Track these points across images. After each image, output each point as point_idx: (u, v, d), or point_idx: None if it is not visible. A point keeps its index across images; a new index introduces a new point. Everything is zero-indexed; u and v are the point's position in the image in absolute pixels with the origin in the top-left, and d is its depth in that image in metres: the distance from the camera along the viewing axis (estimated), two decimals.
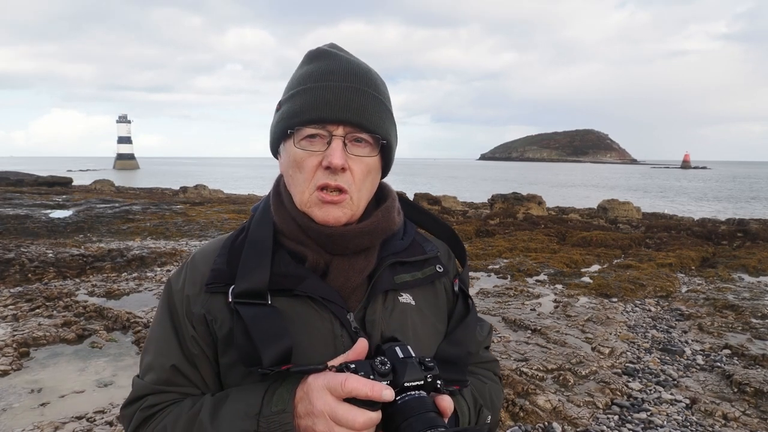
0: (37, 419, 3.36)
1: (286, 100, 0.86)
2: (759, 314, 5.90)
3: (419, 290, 0.93)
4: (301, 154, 0.83)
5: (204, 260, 0.90)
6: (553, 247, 10.28)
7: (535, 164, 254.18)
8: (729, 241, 11.40)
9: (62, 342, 4.68)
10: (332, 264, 0.86)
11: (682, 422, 3.55)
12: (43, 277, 6.90)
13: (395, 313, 0.88)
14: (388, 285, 0.89)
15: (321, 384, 0.71)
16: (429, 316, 0.93)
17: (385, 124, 0.86)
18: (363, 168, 0.84)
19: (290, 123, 0.83)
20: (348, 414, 0.69)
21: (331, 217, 0.83)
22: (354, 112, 0.81)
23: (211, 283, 0.85)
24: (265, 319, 0.78)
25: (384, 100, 0.87)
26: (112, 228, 11.68)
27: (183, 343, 0.85)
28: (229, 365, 0.83)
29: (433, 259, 0.96)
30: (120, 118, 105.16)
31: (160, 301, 0.92)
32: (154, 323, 0.91)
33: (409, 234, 0.97)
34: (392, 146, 0.90)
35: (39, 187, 23.00)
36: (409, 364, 0.74)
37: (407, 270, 0.92)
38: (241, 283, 0.81)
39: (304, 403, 0.72)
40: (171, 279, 0.92)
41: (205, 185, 25.11)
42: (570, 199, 29.49)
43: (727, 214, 20.81)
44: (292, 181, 0.86)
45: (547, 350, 4.67)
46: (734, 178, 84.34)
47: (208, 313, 0.84)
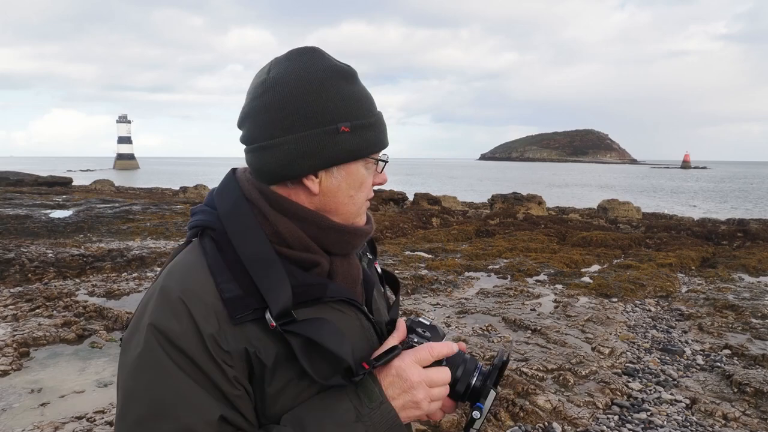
0: (37, 419, 3.36)
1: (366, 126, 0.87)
2: (759, 314, 5.90)
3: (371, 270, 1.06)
4: (365, 175, 0.90)
5: (203, 291, 0.79)
6: (553, 247, 10.28)
7: (535, 164, 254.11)
8: (729, 241, 11.40)
9: (62, 342, 4.68)
10: (335, 266, 0.89)
11: (682, 422, 3.55)
12: (43, 277, 6.90)
13: (378, 297, 1.00)
14: (374, 276, 1.01)
15: (410, 361, 0.82)
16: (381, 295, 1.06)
17: None
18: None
19: (372, 150, 0.89)
20: (439, 374, 0.83)
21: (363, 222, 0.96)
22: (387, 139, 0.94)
23: (238, 314, 0.78)
24: (325, 330, 0.80)
25: None
26: (112, 228, 11.68)
27: (221, 388, 0.76)
28: (278, 392, 0.80)
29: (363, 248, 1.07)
30: (120, 118, 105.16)
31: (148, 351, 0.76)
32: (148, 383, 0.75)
33: None
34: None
35: (39, 187, 23.00)
36: (436, 327, 0.90)
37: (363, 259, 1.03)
38: (275, 305, 0.78)
39: (396, 385, 0.81)
40: (157, 324, 0.76)
41: (205, 185, 25.11)
42: (570, 199, 29.49)
43: (727, 214, 20.81)
44: (350, 200, 0.89)
45: (547, 350, 4.67)
46: (734, 178, 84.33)
47: (249, 345, 0.78)
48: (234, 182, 0.91)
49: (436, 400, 0.83)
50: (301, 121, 0.82)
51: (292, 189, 0.87)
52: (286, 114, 0.82)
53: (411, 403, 0.81)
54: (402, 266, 8.15)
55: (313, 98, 0.82)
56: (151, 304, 0.79)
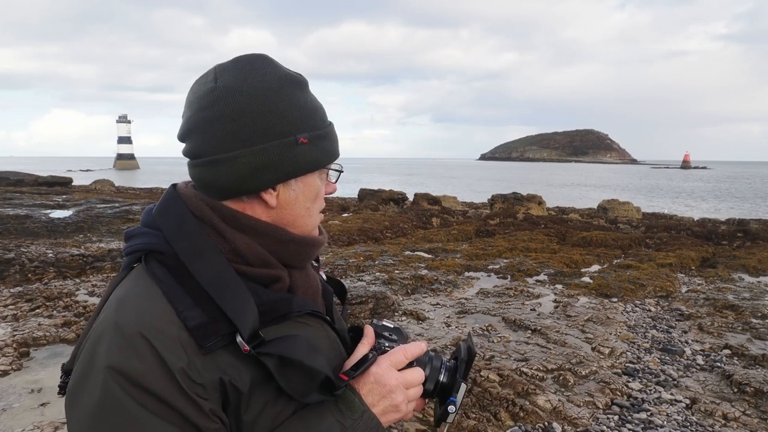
0: (37, 419, 3.36)
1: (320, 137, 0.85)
2: (759, 314, 5.90)
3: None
4: (319, 186, 0.89)
5: (164, 323, 0.72)
6: (553, 247, 10.28)
7: (535, 164, 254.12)
8: (729, 241, 11.41)
9: (62, 342, 4.69)
10: (294, 279, 0.86)
11: (682, 422, 3.55)
12: (43, 277, 6.90)
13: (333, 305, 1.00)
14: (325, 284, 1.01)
15: (386, 365, 0.83)
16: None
17: None
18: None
19: (327, 162, 0.89)
20: (413, 375, 0.85)
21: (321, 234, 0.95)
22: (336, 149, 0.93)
23: (209, 341, 0.72)
24: (298, 347, 0.76)
25: None
26: (112, 228, 11.68)
27: (199, 423, 0.71)
28: (255, 417, 0.76)
29: None
30: (120, 118, 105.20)
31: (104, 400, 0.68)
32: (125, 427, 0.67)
33: None
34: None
35: (39, 187, 23.00)
36: (399, 329, 0.92)
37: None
38: (245, 327, 0.73)
39: (375, 391, 0.81)
40: (115, 366, 0.68)
41: None
42: (570, 199, 29.49)
43: (727, 214, 20.81)
44: (306, 212, 0.87)
45: (547, 350, 4.67)
46: (734, 178, 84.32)
47: (223, 374, 0.73)
48: (178, 199, 0.83)
49: (412, 400, 0.85)
50: (260, 132, 0.78)
51: (247, 203, 0.82)
52: (242, 125, 0.77)
53: (391, 407, 0.82)
54: (402, 266, 8.15)
55: (270, 108, 0.78)
56: (103, 343, 0.70)
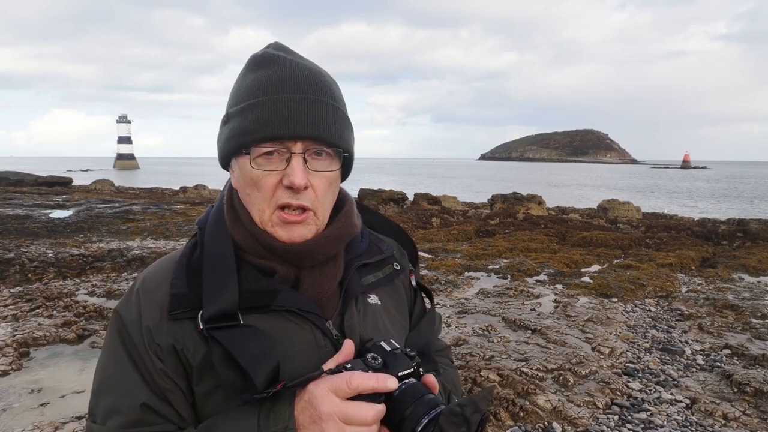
0: (37, 419, 3.36)
1: (235, 114, 0.78)
2: (759, 314, 5.90)
3: (382, 289, 0.94)
4: (258, 173, 0.77)
5: (158, 285, 0.81)
6: (553, 247, 10.28)
7: (535, 164, 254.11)
8: (729, 241, 11.40)
9: (62, 342, 4.68)
10: (303, 275, 0.83)
11: (682, 422, 3.55)
12: (43, 277, 6.90)
13: (368, 315, 0.89)
14: (359, 288, 0.89)
15: (324, 388, 0.69)
16: (395, 314, 0.95)
17: (345, 134, 0.81)
18: (325, 182, 0.80)
19: (244, 141, 0.76)
20: (358, 410, 0.68)
21: (296, 236, 0.79)
22: (313, 126, 0.75)
23: (174, 309, 0.78)
24: (247, 340, 0.74)
25: (341, 107, 0.81)
26: (112, 228, 11.68)
27: (149, 378, 0.78)
28: (205, 393, 0.78)
29: (390, 257, 0.97)
30: (120, 118, 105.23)
31: (109, 334, 0.83)
32: (106, 360, 0.82)
33: (366, 235, 0.96)
34: (352, 156, 0.85)
35: (39, 187, 23.00)
36: (398, 355, 0.76)
37: (370, 271, 0.93)
38: (210, 306, 0.75)
39: (307, 412, 0.69)
40: (120, 310, 0.82)
41: (205, 185, 25.11)
42: (570, 199, 29.49)
43: (727, 214, 20.82)
44: (249, 199, 0.80)
45: (547, 350, 4.67)
46: (734, 177, 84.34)
47: (176, 342, 0.77)
48: (231, 188, 0.87)
49: None
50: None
51: None
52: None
53: None
54: None
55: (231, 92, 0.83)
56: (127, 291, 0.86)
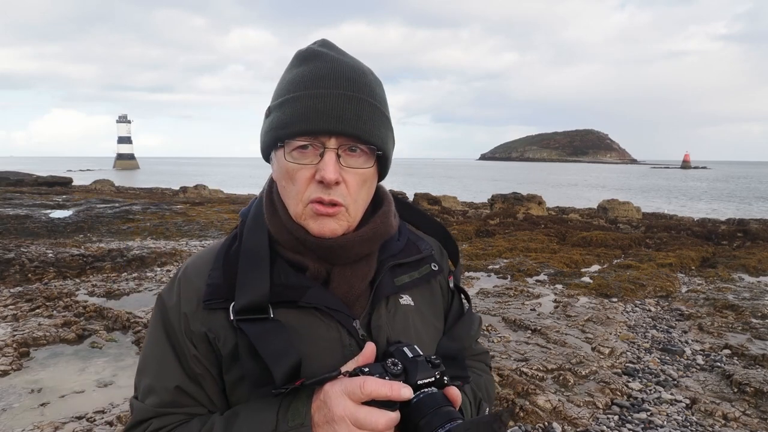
0: (37, 419, 3.36)
1: (275, 107, 0.81)
2: (759, 314, 5.90)
3: (417, 290, 0.92)
4: (292, 166, 0.79)
5: (198, 274, 0.85)
6: (553, 247, 10.28)
7: (535, 164, 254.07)
8: (729, 241, 11.39)
9: (62, 342, 4.68)
10: (334, 272, 0.84)
11: (682, 422, 3.55)
12: (43, 277, 6.90)
13: (398, 316, 0.87)
14: (390, 289, 0.88)
15: (338, 390, 0.70)
16: (428, 316, 0.93)
17: (381, 132, 0.81)
18: (358, 179, 0.80)
19: (280, 134, 0.78)
20: (369, 416, 0.68)
21: (327, 230, 0.80)
22: (348, 122, 0.76)
23: (209, 300, 0.81)
24: (271, 335, 0.76)
25: (380, 105, 0.82)
26: (112, 228, 11.68)
27: (184, 362, 0.82)
28: (234, 382, 0.81)
29: (428, 257, 0.95)
30: (120, 118, 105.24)
31: (153, 317, 0.88)
32: (149, 341, 0.87)
33: (404, 234, 0.96)
34: (389, 154, 0.85)
35: (39, 187, 23.00)
36: (419, 362, 0.74)
37: (405, 271, 0.91)
38: (241, 298, 0.79)
39: (322, 412, 0.70)
40: (163, 295, 0.87)
41: (205, 185, 25.12)
42: (570, 199, 29.48)
43: (727, 214, 20.81)
44: (285, 192, 0.82)
45: (547, 350, 4.67)
46: (734, 177, 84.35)
47: (209, 330, 0.81)
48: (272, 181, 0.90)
49: None
50: None
51: None
52: None
53: None
54: None
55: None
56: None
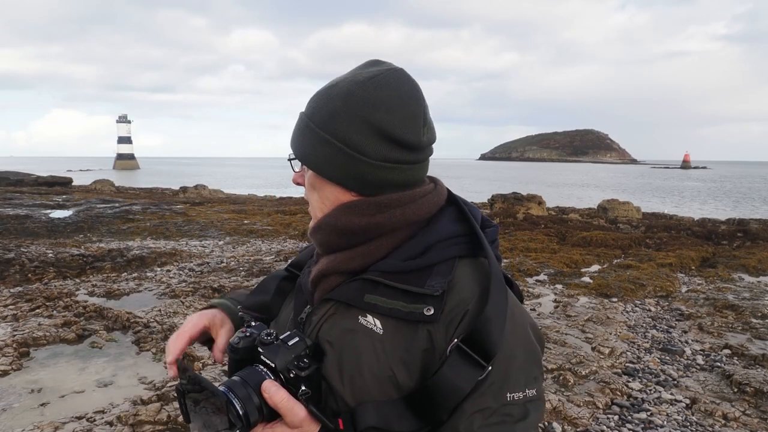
0: (37, 419, 3.36)
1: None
2: (759, 314, 5.90)
3: (395, 323, 0.80)
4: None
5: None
6: (553, 247, 10.28)
7: (535, 164, 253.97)
8: (729, 241, 11.40)
9: (62, 342, 4.68)
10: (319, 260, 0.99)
11: (682, 422, 3.55)
12: (43, 277, 6.90)
13: (344, 329, 0.83)
14: (352, 299, 0.83)
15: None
16: (392, 355, 0.79)
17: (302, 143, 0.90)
18: (307, 185, 0.95)
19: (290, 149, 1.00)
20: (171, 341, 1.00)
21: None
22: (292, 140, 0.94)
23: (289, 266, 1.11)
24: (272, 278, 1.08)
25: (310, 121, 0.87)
26: (112, 228, 11.68)
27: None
28: None
29: (429, 297, 0.80)
30: (120, 118, 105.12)
31: None
32: None
33: (429, 258, 0.84)
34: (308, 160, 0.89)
35: (39, 187, 23.00)
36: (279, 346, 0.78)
37: (392, 295, 0.82)
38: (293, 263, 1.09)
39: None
40: None
41: (205, 185, 25.13)
42: (570, 199, 29.48)
43: (727, 214, 20.81)
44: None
45: (547, 350, 4.67)
46: (734, 178, 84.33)
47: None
48: None
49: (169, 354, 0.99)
50: None
51: None
52: None
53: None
54: None
55: None
56: None
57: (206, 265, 7.95)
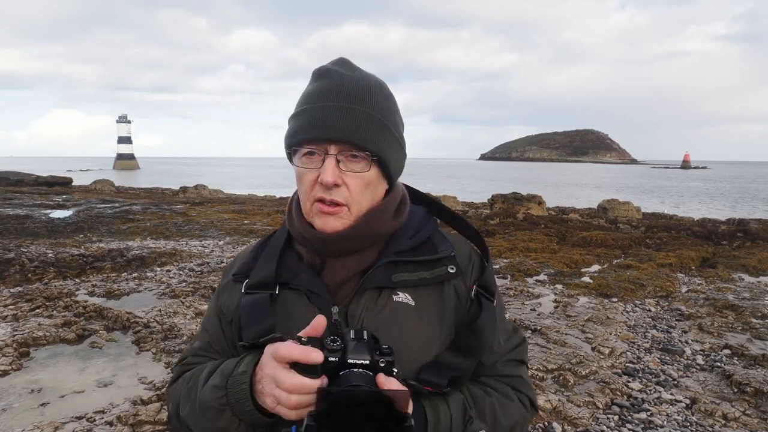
0: (37, 419, 3.36)
1: (291, 118, 0.94)
2: (759, 314, 5.90)
3: (423, 290, 0.92)
4: (301, 170, 0.91)
5: (242, 256, 1.06)
6: (553, 247, 10.28)
7: (535, 164, 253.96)
8: (729, 241, 11.40)
9: (62, 342, 4.68)
10: (327, 263, 0.95)
11: (682, 422, 3.55)
12: (43, 277, 6.90)
13: (385, 310, 0.90)
14: (382, 282, 0.91)
15: (268, 352, 0.80)
16: (429, 319, 0.91)
17: (378, 140, 0.88)
18: (360, 182, 0.89)
19: (290, 142, 0.92)
20: (284, 377, 0.76)
21: (329, 227, 0.90)
22: (344, 131, 0.86)
23: (237, 274, 1.01)
24: (256, 304, 0.92)
25: (379, 115, 0.89)
26: (112, 228, 11.68)
27: (220, 321, 1.02)
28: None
29: (446, 258, 0.94)
30: (120, 118, 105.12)
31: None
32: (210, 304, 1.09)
33: (423, 233, 0.98)
34: (388, 160, 0.91)
35: (39, 187, 23.00)
36: (359, 345, 0.78)
37: (413, 269, 0.92)
38: (253, 276, 0.97)
39: (261, 368, 0.81)
40: (224, 271, 1.10)
41: (205, 185, 25.13)
42: (570, 199, 29.48)
43: (727, 214, 20.81)
44: (299, 192, 0.95)
45: (547, 350, 4.67)
46: (734, 178, 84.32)
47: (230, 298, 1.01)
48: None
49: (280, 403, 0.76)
50: None
51: None
52: None
53: (261, 393, 0.80)
54: None
55: None
56: None
57: (206, 265, 7.95)
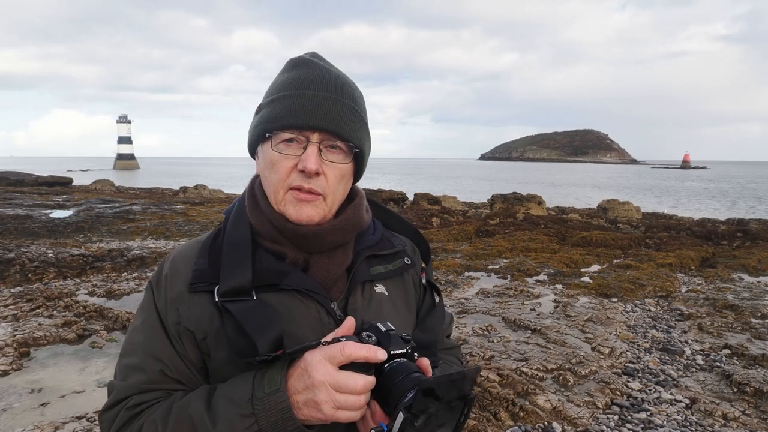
0: (37, 419, 3.36)
1: (266, 105, 0.90)
2: (759, 314, 5.90)
3: (391, 282, 1.01)
4: (277, 156, 0.87)
5: (184, 261, 0.92)
6: (553, 247, 10.28)
7: (535, 164, 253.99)
8: (729, 241, 11.40)
9: (62, 342, 4.68)
10: (312, 259, 0.92)
11: (681, 422, 3.55)
12: (43, 277, 6.90)
13: (373, 302, 0.95)
14: (366, 276, 0.96)
15: (319, 356, 0.74)
16: (400, 306, 1.01)
17: (359, 133, 0.90)
18: (337, 173, 0.89)
19: (269, 127, 0.87)
20: (348, 379, 0.73)
21: (304, 216, 0.88)
22: (330, 120, 0.85)
23: (195, 283, 0.88)
24: (255, 311, 0.82)
25: (359, 110, 0.92)
26: (113, 228, 11.68)
27: (173, 342, 0.87)
28: (221, 361, 0.86)
29: (401, 252, 1.04)
30: (120, 118, 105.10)
31: (143, 303, 0.93)
32: (135, 327, 0.91)
33: (379, 230, 1.05)
34: (365, 154, 0.94)
35: (39, 187, 23.00)
36: (392, 335, 0.80)
37: (380, 263, 1.00)
38: (226, 282, 0.85)
39: (302, 379, 0.74)
40: (152, 281, 0.94)
41: (205, 185, 25.11)
42: (570, 199, 29.48)
43: (726, 214, 20.81)
44: (267, 181, 0.90)
45: (547, 350, 4.67)
46: (734, 178, 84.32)
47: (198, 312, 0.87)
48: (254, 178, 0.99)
49: (342, 407, 0.73)
50: None
51: None
52: None
53: (312, 403, 0.73)
54: None
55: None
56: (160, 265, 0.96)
57: None
